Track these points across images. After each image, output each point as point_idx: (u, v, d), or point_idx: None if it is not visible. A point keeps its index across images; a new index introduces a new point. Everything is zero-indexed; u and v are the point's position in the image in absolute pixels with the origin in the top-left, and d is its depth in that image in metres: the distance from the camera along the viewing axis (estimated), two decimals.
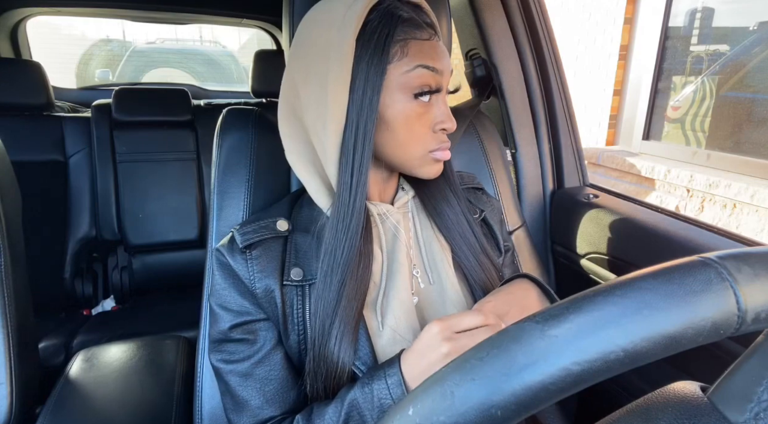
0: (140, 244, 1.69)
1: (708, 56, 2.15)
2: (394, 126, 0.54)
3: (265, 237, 0.59)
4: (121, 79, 3.75)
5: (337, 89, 0.52)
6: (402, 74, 0.53)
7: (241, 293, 0.57)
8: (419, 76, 0.53)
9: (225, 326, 0.58)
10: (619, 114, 2.52)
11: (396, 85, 0.53)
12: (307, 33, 0.56)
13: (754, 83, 1.95)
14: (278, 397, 0.57)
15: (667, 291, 0.21)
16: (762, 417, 0.22)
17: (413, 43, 0.53)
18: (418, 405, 0.23)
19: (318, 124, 0.54)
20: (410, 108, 0.54)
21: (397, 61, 0.53)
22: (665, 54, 2.28)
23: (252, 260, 0.57)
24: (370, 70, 0.52)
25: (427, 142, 0.56)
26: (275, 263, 0.58)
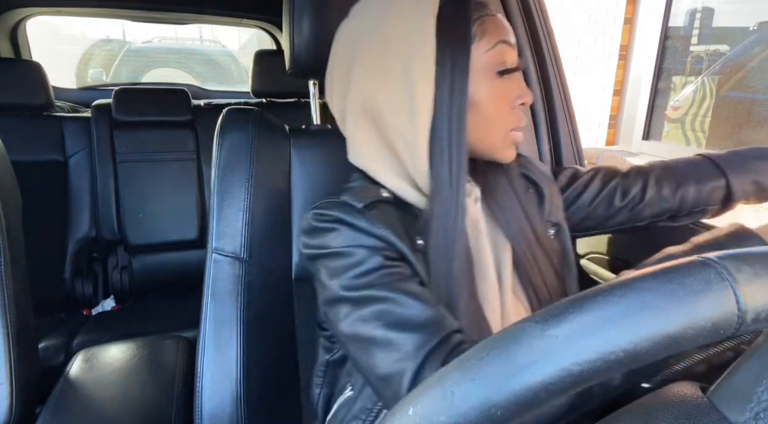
0: (140, 244, 1.69)
1: (708, 56, 2.15)
2: (481, 108, 0.53)
3: (378, 199, 0.54)
4: (116, 79, 3.73)
5: (423, 80, 0.50)
6: (484, 53, 0.52)
7: (379, 240, 0.51)
8: (500, 52, 0.52)
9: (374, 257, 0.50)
10: (619, 114, 2.52)
11: (480, 65, 0.52)
12: (371, 27, 0.53)
13: (754, 83, 1.96)
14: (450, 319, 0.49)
15: (667, 291, 0.21)
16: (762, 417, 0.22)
17: (488, 19, 0.52)
18: (418, 405, 0.23)
19: (403, 120, 0.51)
20: (495, 86, 0.53)
21: (478, 41, 0.52)
22: (665, 54, 2.28)
23: (375, 218, 0.51)
24: (455, 54, 0.50)
25: (510, 120, 0.55)
26: (398, 225, 0.53)
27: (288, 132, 0.80)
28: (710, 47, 2.16)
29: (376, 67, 0.52)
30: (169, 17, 2.16)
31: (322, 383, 0.65)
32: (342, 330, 0.50)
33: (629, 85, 2.47)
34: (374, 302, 0.48)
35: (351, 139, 0.57)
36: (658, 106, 2.34)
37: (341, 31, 0.58)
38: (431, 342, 0.45)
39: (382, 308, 0.47)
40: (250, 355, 0.71)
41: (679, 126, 2.27)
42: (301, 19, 0.73)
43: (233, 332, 0.70)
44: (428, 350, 0.44)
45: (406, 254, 0.52)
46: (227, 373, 0.70)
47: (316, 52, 0.75)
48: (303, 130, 0.82)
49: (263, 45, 2.62)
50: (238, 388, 0.70)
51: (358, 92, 0.54)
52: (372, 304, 0.48)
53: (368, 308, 0.48)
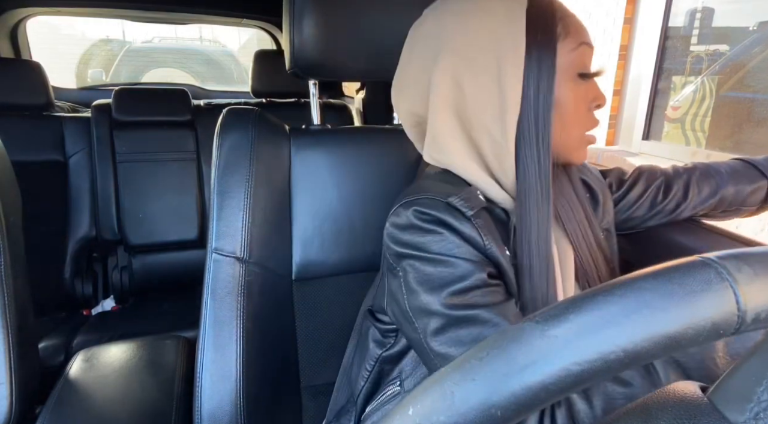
0: (140, 244, 1.69)
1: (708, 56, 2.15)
2: (561, 108, 0.53)
3: (482, 206, 0.52)
4: (115, 79, 3.73)
5: (512, 78, 0.50)
6: (568, 53, 0.52)
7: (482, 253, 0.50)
8: (583, 53, 0.52)
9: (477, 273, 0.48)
10: (619, 114, 2.52)
11: (563, 66, 0.51)
12: (457, 24, 0.52)
13: (754, 83, 1.95)
14: None
15: (667, 291, 0.21)
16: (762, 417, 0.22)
17: (569, 20, 0.52)
18: (418, 405, 0.23)
19: (492, 119, 0.51)
20: (576, 87, 0.53)
21: (562, 41, 0.51)
22: (665, 54, 2.28)
23: (481, 228, 0.50)
24: (542, 53, 0.50)
25: (587, 121, 0.55)
26: (498, 236, 0.52)
27: (288, 132, 0.80)
28: (710, 47, 2.16)
29: (465, 65, 0.51)
30: (169, 17, 2.16)
31: (368, 378, 0.63)
32: (431, 346, 0.48)
33: (629, 85, 2.47)
34: (475, 324, 0.46)
35: (435, 135, 0.55)
36: (658, 106, 2.34)
37: (416, 32, 0.57)
38: None
39: (479, 333, 0.45)
40: (250, 355, 0.71)
41: (679, 126, 2.27)
42: (301, 19, 0.73)
43: (233, 332, 0.70)
44: None
45: (504, 268, 0.51)
46: (227, 373, 0.70)
47: (316, 52, 0.75)
48: (303, 130, 0.82)
49: (263, 45, 2.62)
50: (237, 388, 0.69)
51: (444, 89, 0.53)
52: (472, 326, 0.46)
53: (468, 329, 0.46)
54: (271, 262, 0.74)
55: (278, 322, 0.76)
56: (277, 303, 0.76)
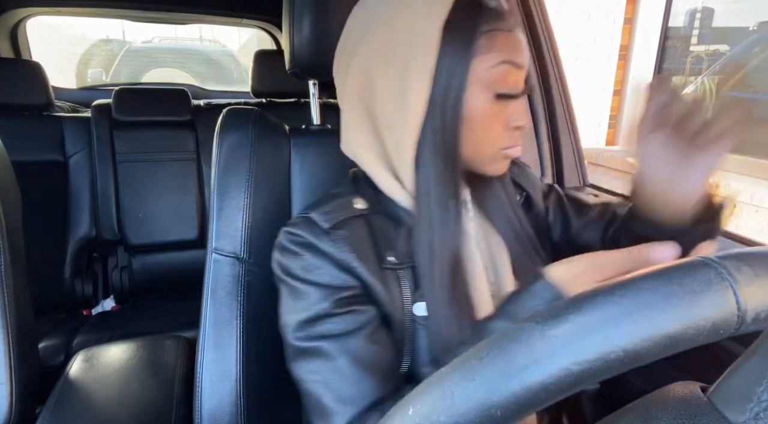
0: (140, 244, 1.69)
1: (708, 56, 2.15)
2: (472, 123, 0.51)
3: (347, 216, 0.54)
4: (115, 79, 3.73)
5: (419, 80, 0.49)
6: (486, 70, 0.49)
7: (340, 269, 0.51)
8: (503, 72, 0.49)
9: (324, 302, 0.50)
10: (619, 114, 2.52)
11: (478, 81, 0.49)
12: (383, 14, 0.52)
13: (754, 83, 1.96)
14: (390, 374, 0.51)
15: (667, 291, 0.21)
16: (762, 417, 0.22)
17: (499, 35, 0.49)
18: (418, 405, 0.23)
19: (394, 116, 0.51)
20: (490, 106, 0.50)
21: (483, 55, 0.49)
22: (665, 54, 2.28)
23: (340, 240, 0.52)
24: (455, 63, 0.48)
25: (502, 140, 0.53)
26: (366, 244, 0.53)
27: (288, 132, 0.80)
28: (710, 47, 2.16)
29: (380, 58, 0.51)
30: (169, 17, 2.16)
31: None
32: (289, 365, 0.54)
33: (629, 85, 2.47)
34: (315, 357, 0.50)
35: (344, 126, 0.57)
36: None
37: (355, 12, 0.56)
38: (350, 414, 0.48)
39: (320, 368, 0.50)
40: (250, 355, 0.71)
41: None
42: (301, 19, 0.73)
43: (233, 331, 0.70)
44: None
45: (365, 280, 0.52)
46: (227, 373, 0.70)
47: (316, 52, 0.75)
48: (303, 130, 0.82)
49: (263, 45, 2.62)
50: (237, 388, 0.69)
51: (357, 80, 0.53)
52: (313, 359, 0.50)
53: (309, 362, 0.51)
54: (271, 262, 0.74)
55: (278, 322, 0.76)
56: (276, 303, 0.76)
